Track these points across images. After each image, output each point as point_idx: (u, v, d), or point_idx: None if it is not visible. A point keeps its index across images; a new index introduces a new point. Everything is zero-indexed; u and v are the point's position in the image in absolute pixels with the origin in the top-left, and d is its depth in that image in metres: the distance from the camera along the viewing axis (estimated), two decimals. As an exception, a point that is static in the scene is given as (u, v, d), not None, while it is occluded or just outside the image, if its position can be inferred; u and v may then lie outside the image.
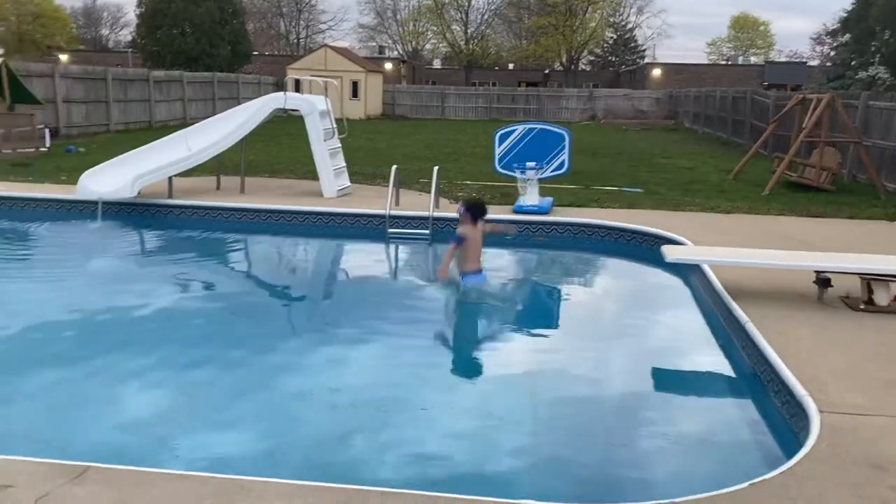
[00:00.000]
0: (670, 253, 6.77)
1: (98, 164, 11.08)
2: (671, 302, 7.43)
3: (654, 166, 17.23)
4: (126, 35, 71.03)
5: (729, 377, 5.52)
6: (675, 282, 7.90)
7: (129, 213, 10.48)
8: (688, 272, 7.83)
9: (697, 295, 7.36)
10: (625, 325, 6.69)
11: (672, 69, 50.63)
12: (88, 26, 76.69)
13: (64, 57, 51.05)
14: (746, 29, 74.62)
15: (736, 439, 4.53)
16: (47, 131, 18.43)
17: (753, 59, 65.13)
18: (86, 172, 10.70)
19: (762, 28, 74.78)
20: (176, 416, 4.60)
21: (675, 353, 5.94)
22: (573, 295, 7.86)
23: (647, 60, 60.21)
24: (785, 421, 4.49)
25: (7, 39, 59.05)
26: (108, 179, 10.43)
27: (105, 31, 78.32)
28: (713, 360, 5.82)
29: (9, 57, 31.39)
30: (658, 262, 7.06)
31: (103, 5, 78.18)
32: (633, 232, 9.37)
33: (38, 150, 17.18)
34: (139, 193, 10.38)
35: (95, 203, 10.28)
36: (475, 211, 6.80)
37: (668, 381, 5.37)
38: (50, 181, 12.27)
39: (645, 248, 8.98)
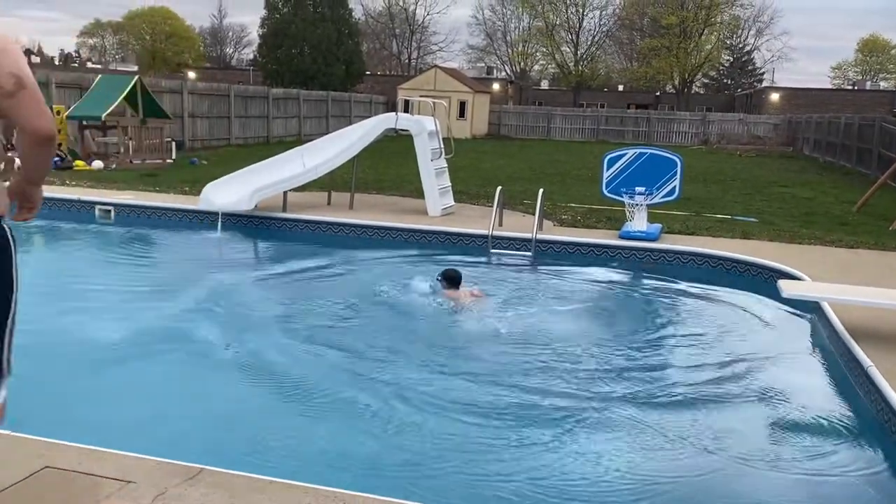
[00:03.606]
0: (787, 288, 6.45)
1: (218, 176, 11.68)
2: (785, 341, 7.05)
3: (769, 195, 16.52)
4: (248, 53, 74.81)
5: (848, 425, 5.18)
6: (790, 319, 7.52)
7: (247, 224, 10.98)
8: (805, 309, 7.44)
9: (815, 335, 6.97)
10: (733, 363, 6.39)
11: (792, 94, 48.52)
12: (214, 45, 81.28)
13: (192, 74, 54.26)
14: (876, 52, 70.59)
15: (856, 493, 4.25)
16: (174, 144, 19.62)
17: (883, 85, 61.49)
18: (209, 185, 11.30)
19: (894, 52, 70.54)
20: (292, 422, 4.77)
21: (789, 395, 5.62)
22: (678, 329, 7.59)
23: (764, 84, 57.97)
24: (912, 477, 4.18)
25: (142, 57, 63.57)
26: (229, 192, 10.98)
27: (229, 50, 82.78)
28: (831, 406, 5.48)
29: (143, 73, 33.71)
30: (772, 296, 6.74)
31: (229, 25, 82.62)
32: (746, 263, 9.01)
33: (165, 161, 18.33)
34: (256, 206, 10.87)
35: (216, 214, 10.84)
36: (452, 281, 7.60)
37: (780, 425, 5.10)
38: (175, 192, 13.02)
39: (759, 282, 8.60)
